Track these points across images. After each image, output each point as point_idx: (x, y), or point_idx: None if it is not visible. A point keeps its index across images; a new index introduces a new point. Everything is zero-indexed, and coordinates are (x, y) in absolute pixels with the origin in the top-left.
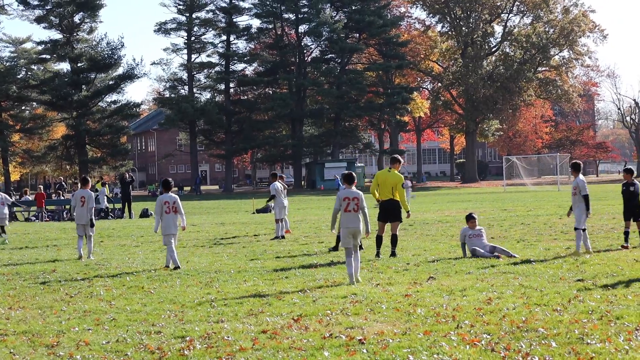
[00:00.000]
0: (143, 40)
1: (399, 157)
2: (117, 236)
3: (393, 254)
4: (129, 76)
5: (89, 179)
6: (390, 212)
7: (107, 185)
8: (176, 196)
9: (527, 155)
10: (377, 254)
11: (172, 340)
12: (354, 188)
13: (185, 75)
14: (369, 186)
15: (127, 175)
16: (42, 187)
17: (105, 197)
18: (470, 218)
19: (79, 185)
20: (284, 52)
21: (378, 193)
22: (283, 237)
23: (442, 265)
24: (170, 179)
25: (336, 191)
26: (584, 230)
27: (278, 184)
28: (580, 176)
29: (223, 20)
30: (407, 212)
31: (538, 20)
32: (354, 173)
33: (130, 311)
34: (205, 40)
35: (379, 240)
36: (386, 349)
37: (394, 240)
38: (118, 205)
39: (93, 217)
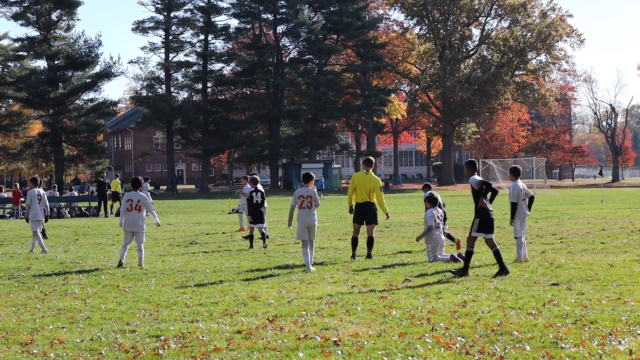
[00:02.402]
0: (120, 39)
1: (372, 159)
2: (92, 234)
3: (369, 256)
4: (106, 74)
5: (37, 178)
6: (365, 214)
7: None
8: (142, 195)
9: (503, 158)
10: (353, 256)
11: (146, 339)
12: (310, 187)
13: (162, 74)
14: (346, 188)
15: (105, 174)
16: (18, 184)
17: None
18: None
19: (30, 184)
20: (261, 52)
21: (355, 196)
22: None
23: (417, 268)
24: (140, 178)
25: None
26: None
27: None
28: (517, 182)
29: (201, 19)
30: (387, 214)
31: (516, 24)
32: (311, 173)
33: (105, 310)
34: (183, 39)
35: (354, 242)
36: (361, 351)
37: (370, 242)
38: (94, 204)
39: (47, 213)
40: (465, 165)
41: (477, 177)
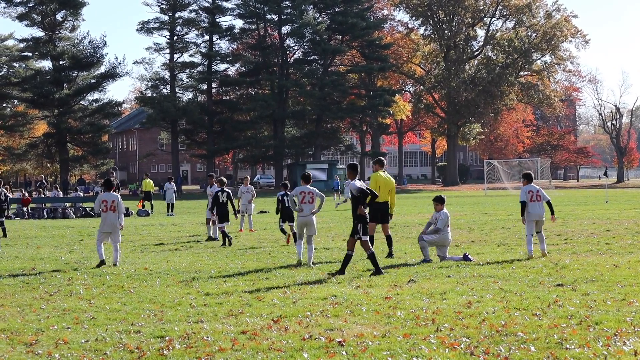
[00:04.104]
0: (125, 39)
1: (384, 160)
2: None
3: (390, 255)
4: (111, 75)
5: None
6: (383, 214)
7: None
8: (116, 195)
9: (508, 159)
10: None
11: (151, 339)
12: (309, 186)
13: (167, 75)
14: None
15: (114, 174)
16: (23, 188)
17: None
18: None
19: None
20: (266, 52)
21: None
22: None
23: (422, 268)
24: (112, 179)
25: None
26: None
27: None
28: (527, 186)
29: (206, 20)
30: (391, 215)
31: (520, 24)
32: (311, 174)
33: (110, 310)
34: (187, 40)
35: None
36: (365, 351)
37: (390, 241)
38: None
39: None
40: (347, 169)
41: (357, 184)
